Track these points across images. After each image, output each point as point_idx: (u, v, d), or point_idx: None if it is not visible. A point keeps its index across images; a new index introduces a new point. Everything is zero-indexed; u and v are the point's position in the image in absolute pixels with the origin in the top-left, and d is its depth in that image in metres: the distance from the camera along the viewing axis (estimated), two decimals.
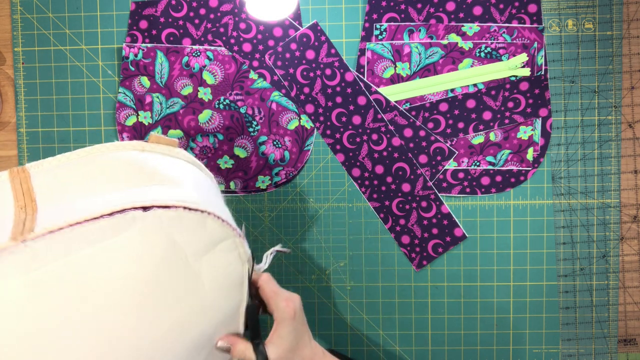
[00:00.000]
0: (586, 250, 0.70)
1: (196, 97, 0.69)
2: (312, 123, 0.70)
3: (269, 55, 0.69)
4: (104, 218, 0.34)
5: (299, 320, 0.51)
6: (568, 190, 0.70)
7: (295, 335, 0.51)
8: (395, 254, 0.71)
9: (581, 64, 0.69)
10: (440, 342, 0.71)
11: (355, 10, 0.69)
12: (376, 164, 0.70)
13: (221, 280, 0.43)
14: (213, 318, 0.44)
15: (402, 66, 0.69)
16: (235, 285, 0.46)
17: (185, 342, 0.42)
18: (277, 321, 0.51)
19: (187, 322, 0.41)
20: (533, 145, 0.69)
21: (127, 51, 0.69)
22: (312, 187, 0.71)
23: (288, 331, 0.50)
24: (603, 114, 0.69)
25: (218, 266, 0.42)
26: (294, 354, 0.51)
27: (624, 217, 0.70)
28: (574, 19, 0.68)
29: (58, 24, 0.70)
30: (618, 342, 0.71)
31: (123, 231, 0.35)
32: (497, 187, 0.70)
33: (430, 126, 0.69)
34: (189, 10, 0.69)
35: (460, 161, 0.69)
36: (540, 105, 0.69)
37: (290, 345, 0.51)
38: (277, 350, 0.50)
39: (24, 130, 0.71)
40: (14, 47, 0.70)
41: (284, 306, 0.50)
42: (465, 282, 0.71)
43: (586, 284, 0.70)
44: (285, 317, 0.50)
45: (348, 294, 0.71)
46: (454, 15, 0.68)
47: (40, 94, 0.70)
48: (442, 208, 0.70)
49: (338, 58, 0.69)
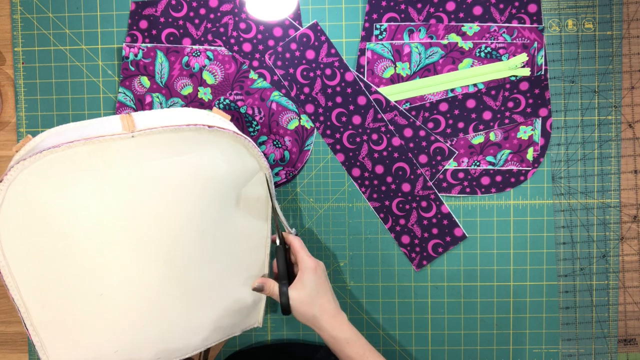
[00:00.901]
0: (586, 250, 0.70)
1: (196, 97, 0.69)
2: (312, 123, 0.70)
3: (269, 55, 0.69)
4: (183, 127, 0.52)
5: (320, 276, 0.60)
6: (568, 190, 0.70)
7: (316, 287, 0.59)
8: (395, 254, 0.71)
9: (581, 64, 0.69)
10: (440, 342, 0.71)
11: (355, 10, 0.69)
12: (376, 164, 0.70)
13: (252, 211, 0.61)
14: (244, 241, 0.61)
15: (402, 66, 0.69)
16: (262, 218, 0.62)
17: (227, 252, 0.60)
18: (300, 271, 0.60)
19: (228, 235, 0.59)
20: (533, 145, 0.69)
21: (127, 51, 0.69)
22: (312, 187, 0.71)
23: (310, 280, 0.59)
24: (603, 114, 0.69)
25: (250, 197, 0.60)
26: (314, 301, 0.59)
27: (624, 217, 0.70)
28: (574, 19, 0.68)
29: (58, 24, 0.70)
30: (618, 342, 0.71)
31: (199, 138, 0.53)
32: (497, 187, 0.70)
33: (430, 126, 0.69)
34: (189, 10, 0.69)
35: (460, 161, 0.69)
36: (540, 105, 0.68)
37: (310, 292, 0.59)
38: (298, 294, 0.59)
39: (24, 130, 0.70)
40: (14, 47, 0.70)
41: (307, 259, 0.60)
42: (465, 282, 0.71)
43: (586, 284, 0.70)
44: (308, 268, 0.59)
45: (348, 294, 0.71)
46: (454, 15, 0.68)
47: (40, 94, 0.70)
48: (442, 208, 0.70)
49: (338, 58, 0.69)
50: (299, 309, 0.58)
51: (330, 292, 0.60)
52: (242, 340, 0.72)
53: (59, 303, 0.53)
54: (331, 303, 0.59)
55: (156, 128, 0.51)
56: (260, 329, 0.72)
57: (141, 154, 0.51)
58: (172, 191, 0.53)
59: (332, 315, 0.58)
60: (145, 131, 0.50)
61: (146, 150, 0.51)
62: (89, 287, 0.53)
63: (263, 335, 0.72)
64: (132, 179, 0.51)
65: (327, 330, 0.58)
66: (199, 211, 0.55)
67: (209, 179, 0.55)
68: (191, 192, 0.54)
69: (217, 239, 0.58)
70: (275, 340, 0.72)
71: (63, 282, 0.52)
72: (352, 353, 0.57)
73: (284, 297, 0.59)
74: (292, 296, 0.58)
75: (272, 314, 0.72)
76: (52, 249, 0.51)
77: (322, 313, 0.58)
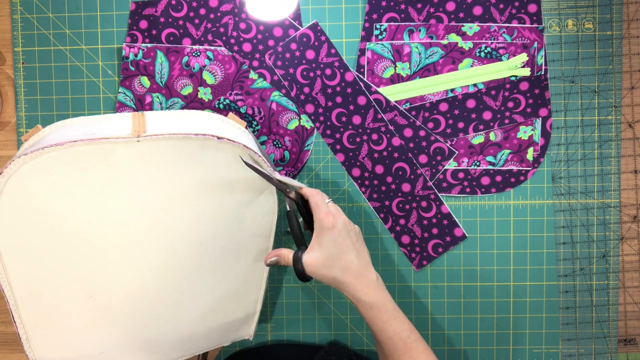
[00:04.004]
0: (586, 250, 0.70)
1: (196, 97, 0.69)
2: (312, 123, 0.70)
3: (269, 55, 0.69)
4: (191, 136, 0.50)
5: (340, 234, 0.53)
6: (568, 190, 0.70)
7: (335, 246, 0.52)
8: (395, 254, 0.71)
9: (581, 64, 0.69)
10: (440, 342, 0.71)
11: (355, 10, 0.69)
12: (376, 164, 0.70)
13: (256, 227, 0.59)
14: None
15: (402, 66, 0.69)
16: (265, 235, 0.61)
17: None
18: (316, 231, 0.54)
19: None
20: (533, 145, 0.69)
21: (127, 51, 0.69)
22: (312, 187, 0.71)
23: (327, 240, 0.53)
24: (603, 114, 0.69)
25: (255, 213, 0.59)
26: (333, 264, 0.52)
27: (624, 217, 0.70)
28: (574, 19, 0.68)
29: (58, 24, 0.70)
30: (618, 342, 0.71)
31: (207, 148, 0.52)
32: (497, 187, 0.70)
33: (430, 126, 0.69)
34: (189, 10, 0.69)
35: (460, 161, 0.69)
36: (540, 105, 0.68)
37: (328, 254, 0.52)
38: (313, 256, 0.53)
39: (24, 130, 0.70)
40: (14, 47, 0.70)
41: (323, 217, 0.53)
42: (465, 282, 0.71)
43: (586, 284, 0.70)
44: (324, 227, 0.53)
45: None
46: (454, 15, 0.68)
47: (40, 94, 0.70)
48: (442, 208, 0.70)
49: (338, 58, 0.69)
50: (317, 273, 0.53)
51: (355, 250, 0.54)
52: (242, 341, 0.72)
53: (48, 299, 0.53)
54: (354, 263, 0.53)
55: (163, 135, 0.50)
56: (260, 329, 0.72)
57: (146, 159, 0.51)
58: (174, 200, 0.53)
59: (355, 276, 0.53)
60: (151, 136, 0.50)
61: (152, 155, 0.51)
62: (80, 288, 0.53)
63: (263, 335, 0.72)
64: (134, 183, 0.51)
65: (351, 293, 0.53)
66: (199, 223, 0.55)
67: (213, 190, 0.54)
68: (193, 203, 0.54)
69: (215, 252, 0.57)
70: (275, 340, 0.72)
71: (54, 280, 0.52)
72: (376, 318, 0.52)
73: (299, 264, 0.54)
74: (307, 261, 0.53)
75: (273, 315, 0.72)
76: (46, 245, 0.51)
77: (343, 274, 0.52)
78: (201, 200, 0.54)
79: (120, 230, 0.52)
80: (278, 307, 0.72)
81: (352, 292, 0.53)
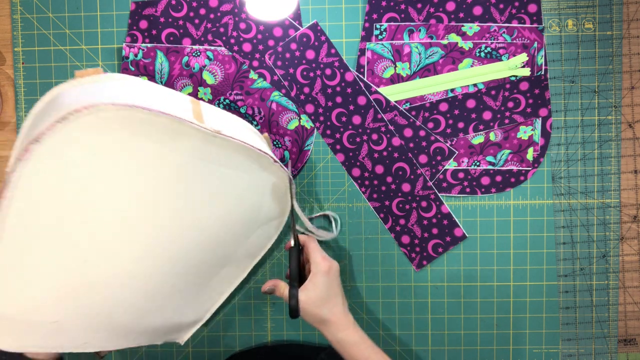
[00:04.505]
0: (586, 250, 0.70)
1: (196, 97, 0.69)
2: (312, 123, 0.70)
3: (269, 55, 0.69)
4: (255, 149, 0.52)
5: (332, 279, 0.59)
6: (568, 190, 0.70)
7: (327, 289, 0.58)
8: (395, 254, 0.71)
9: (581, 64, 0.69)
10: (440, 342, 0.71)
11: (355, 10, 0.69)
12: (376, 164, 0.70)
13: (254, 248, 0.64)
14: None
15: (402, 66, 0.69)
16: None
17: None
18: (312, 273, 0.59)
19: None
20: (533, 145, 0.69)
21: (127, 51, 0.69)
22: (312, 187, 0.71)
23: (321, 282, 0.58)
24: (603, 114, 0.69)
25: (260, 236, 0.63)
26: (324, 304, 0.58)
27: (624, 217, 0.70)
28: (574, 19, 0.68)
29: (58, 24, 0.70)
30: (618, 342, 0.71)
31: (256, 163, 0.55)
32: (497, 187, 0.70)
33: (430, 126, 0.69)
34: (189, 10, 0.69)
35: (460, 161, 0.69)
36: (540, 105, 0.68)
37: (321, 295, 0.58)
38: (308, 295, 0.58)
39: None
40: (14, 47, 0.70)
41: (320, 260, 0.59)
42: (465, 282, 0.71)
43: (586, 284, 0.70)
44: (320, 270, 0.58)
45: (348, 294, 0.71)
46: (454, 15, 0.68)
47: (40, 94, 0.70)
48: (442, 208, 0.70)
49: (338, 58, 0.69)
50: (308, 312, 0.58)
51: (341, 295, 0.60)
52: (242, 341, 0.72)
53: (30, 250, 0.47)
54: (339, 306, 0.59)
55: (236, 139, 0.50)
56: (260, 329, 0.72)
57: (205, 151, 0.50)
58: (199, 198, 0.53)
59: (339, 318, 0.58)
60: (225, 137, 0.49)
61: (211, 151, 0.50)
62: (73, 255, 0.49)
63: (263, 335, 0.72)
64: (178, 169, 0.49)
65: (333, 333, 0.58)
66: (213, 227, 0.55)
67: (242, 203, 0.56)
68: (217, 206, 0.54)
69: (211, 257, 0.58)
70: (275, 340, 0.72)
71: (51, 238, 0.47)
72: (358, 355, 0.57)
73: (294, 300, 0.58)
74: (302, 299, 0.58)
75: (273, 315, 0.72)
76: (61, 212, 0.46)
77: (330, 316, 0.58)
78: (225, 207, 0.55)
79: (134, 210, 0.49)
80: (278, 307, 0.72)
81: (334, 332, 0.58)
